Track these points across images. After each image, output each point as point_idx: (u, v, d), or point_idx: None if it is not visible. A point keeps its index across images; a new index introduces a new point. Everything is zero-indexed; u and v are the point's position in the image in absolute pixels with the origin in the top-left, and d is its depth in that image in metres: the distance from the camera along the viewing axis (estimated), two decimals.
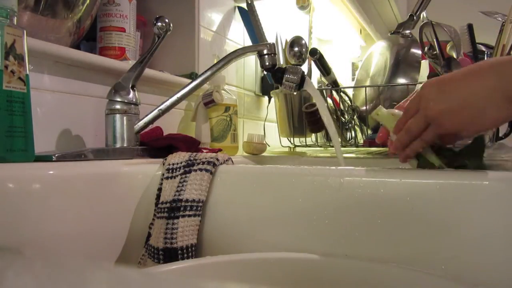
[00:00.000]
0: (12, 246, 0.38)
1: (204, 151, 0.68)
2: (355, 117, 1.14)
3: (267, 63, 0.72)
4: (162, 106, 0.67)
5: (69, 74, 0.67)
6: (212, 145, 0.92)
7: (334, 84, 1.11)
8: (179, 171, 0.52)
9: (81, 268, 0.14)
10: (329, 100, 1.14)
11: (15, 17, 0.45)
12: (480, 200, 0.38)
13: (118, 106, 0.63)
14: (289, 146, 1.16)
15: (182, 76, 0.91)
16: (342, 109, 1.15)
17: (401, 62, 1.10)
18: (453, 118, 0.40)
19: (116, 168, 0.52)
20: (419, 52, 1.07)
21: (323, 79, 1.14)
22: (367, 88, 1.10)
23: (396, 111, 0.50)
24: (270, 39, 0.95)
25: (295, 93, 1.08)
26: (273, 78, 0.73)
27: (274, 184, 0.48)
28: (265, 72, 1.25)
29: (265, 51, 0.72)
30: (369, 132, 1.17)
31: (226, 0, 1.10)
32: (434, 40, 0.98)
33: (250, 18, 0.98)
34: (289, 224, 0.46)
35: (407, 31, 1.12)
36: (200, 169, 0.51)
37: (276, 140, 1.17)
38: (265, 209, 0.48)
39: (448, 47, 1.03)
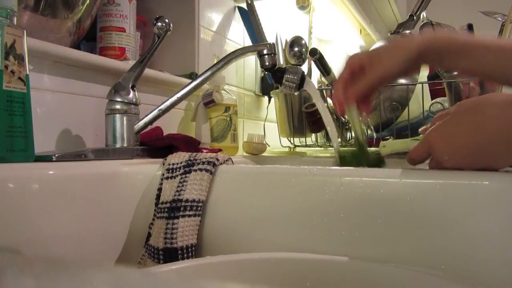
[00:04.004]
0: (12, 246, 0.38)
1: (204, 151, 0.68)
2: None
3: (267, 63, 0.72)
4: (162, 106, 0.67)
5: (69, 74, 0.67)
6: (212, 145, 0.92)
7: None
8: (179, 171, 0.52)
9: (81, 268, 0.14)
10: (329, 100, 1.14)
11: (15, 17, 0.45)
12: (480, 200, 0.38)
13: (118, 106, 0.63)
14: (289, 146, 1.16)
15: (182, 76, 0.91)
16: None
17: None
18: (471, 165, 0.43)
19: (116, 168, 0.52)
20: None
21: (323, 79, 1.14)
22: None
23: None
24: (270, 39, 0.95)
25: (295, 93, 1.08)
26: (273, 78, 0.73)
27: (274, 184, 0.48)
28: (265, 72, 1.25)
29: (265, 51, 0.72)
30: (369, 132, 1.17)
31: (226, 0, 1.10)
32: None
33: (250, 18, 0.98)
34: (289, 224, 0.46)
35: (407, 31, 1.12)
36: (200, 169, 0.51)
37: (276, 140, 1.17)
38: (265, 209, 0.47)
39: None
